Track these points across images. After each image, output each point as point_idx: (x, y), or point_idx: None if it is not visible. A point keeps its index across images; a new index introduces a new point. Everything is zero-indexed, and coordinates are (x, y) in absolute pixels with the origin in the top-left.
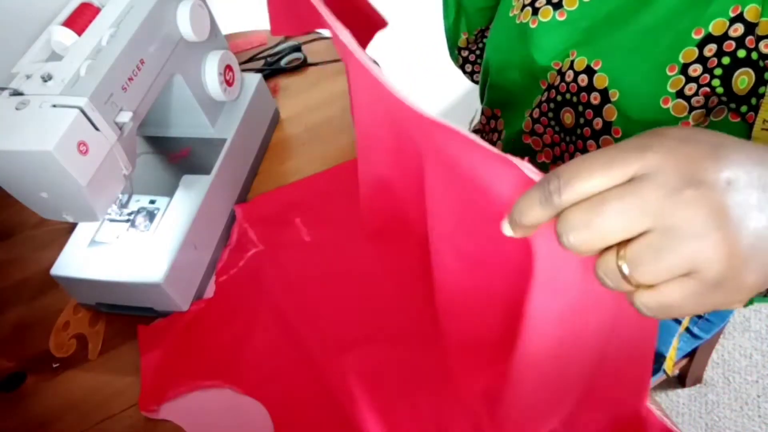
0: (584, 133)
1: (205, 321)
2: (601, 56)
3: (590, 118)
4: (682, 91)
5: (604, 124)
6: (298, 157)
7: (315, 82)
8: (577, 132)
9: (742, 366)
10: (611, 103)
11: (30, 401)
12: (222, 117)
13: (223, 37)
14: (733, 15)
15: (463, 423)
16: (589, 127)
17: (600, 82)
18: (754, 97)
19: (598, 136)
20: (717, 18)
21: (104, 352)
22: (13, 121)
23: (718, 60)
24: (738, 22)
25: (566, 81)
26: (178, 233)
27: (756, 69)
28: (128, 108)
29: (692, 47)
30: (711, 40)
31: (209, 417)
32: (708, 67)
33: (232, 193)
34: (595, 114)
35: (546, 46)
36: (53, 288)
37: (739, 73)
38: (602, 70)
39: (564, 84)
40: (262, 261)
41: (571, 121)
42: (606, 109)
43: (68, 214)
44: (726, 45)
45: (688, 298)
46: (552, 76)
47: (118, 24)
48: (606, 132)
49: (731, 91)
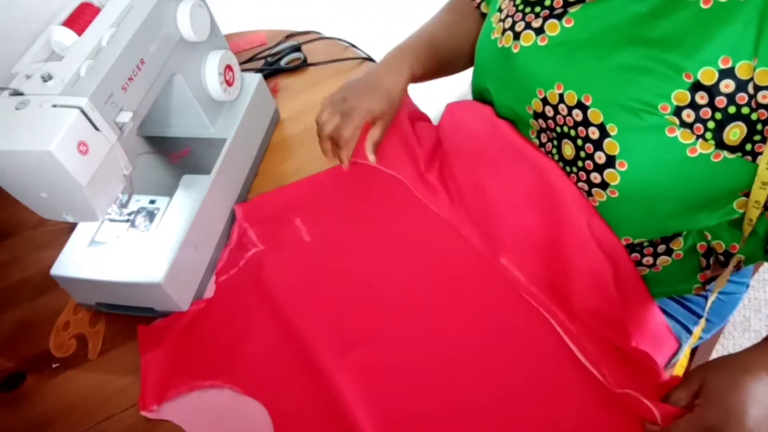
0: (586, 166)
1: (205, 321)
2: (590, 90)
3: (591, 152)
4: (682, 122)
5: (607, 158)
6: (298, 157)
7: (315, 82)
8: (578, 164)
9: None
10: (611, 138)
11: (30, 401)
12: (222, 117)
13: (223, 37)
14: (723, 67)
15: (464, 423)
16: (591, 160)
17: (595, 117)
18: (748, 143)
19: (602, 170)
20: (705, 66)
21: (104, 352)
22: (13, 121)
23: (711, 113)
24: (728, 78)
25: (561, 114)
26: (178, 233)
27: (747, 122)
28: (128, 108)
29: (684, 90)
30: (701, 87)
31: (209, 417)
32: (702, 117)
33: (232, 193)
34: (596, 148)
35: (528, 72)
36: (53, 288)
37: (731, 127)
38: (594, 105)
39: (561, 117)
40: (262, 261)
41: (571, 153)
42: (607, 143)
43: (68, 214)
44: (718, 101)
45: None
46: (536, 104)
47: (118, 24)
48: (610, 165)
49: (722, 142)
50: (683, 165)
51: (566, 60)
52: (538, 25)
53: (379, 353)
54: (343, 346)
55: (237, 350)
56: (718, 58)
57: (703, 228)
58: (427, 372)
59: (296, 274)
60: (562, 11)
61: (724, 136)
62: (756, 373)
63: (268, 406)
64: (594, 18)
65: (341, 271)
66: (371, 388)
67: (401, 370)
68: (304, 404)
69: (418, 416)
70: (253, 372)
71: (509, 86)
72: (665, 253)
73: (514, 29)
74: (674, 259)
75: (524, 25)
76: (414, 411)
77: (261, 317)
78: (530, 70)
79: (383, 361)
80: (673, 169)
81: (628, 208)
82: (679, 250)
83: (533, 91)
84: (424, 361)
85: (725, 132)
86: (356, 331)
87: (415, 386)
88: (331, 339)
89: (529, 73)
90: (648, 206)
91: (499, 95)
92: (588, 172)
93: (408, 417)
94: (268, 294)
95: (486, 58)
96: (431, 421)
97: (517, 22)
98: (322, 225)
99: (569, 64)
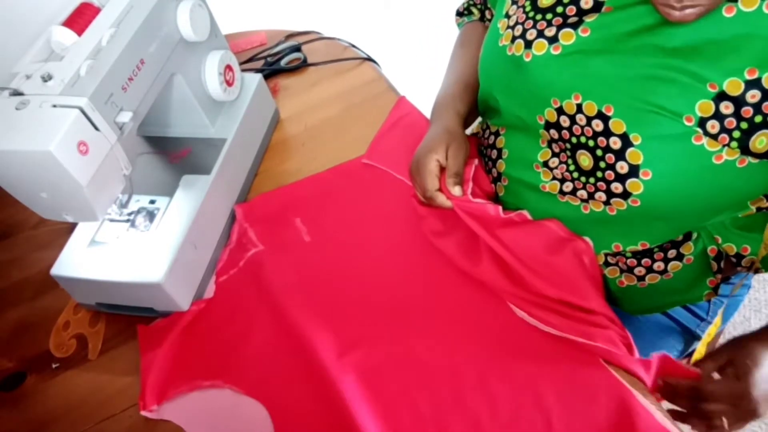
0: (606, 176)
1: (205, 321)
2: (611, 101)
3: (612, 162)
4: (706, 132)
5: (630, 167)
6: (298, 157)
7: (315, 82)
8: (597, 175)
9: None
10: (635, 147)
11: (30, 401)
12: (222, 117)
13: (223, 37)
14: (750, 78)
15: (463, 422)
16: (612, 171)
17: (617, 127)
18: None
19: (624, 180)
20: (731, 77)
21: (104, 352)
22: (13, 121)
23: (737, 123)
24: (755, 89)
25: (579, 124)
26: (178, 233)
27: None
28: (128, 108)
29: (708, 100)
30: (726, 98)
31: (209, 417)
32: (726, 128)
33: (232, 193)
34: (618, 158)
35: (542, 82)
36: (53, 288)
37: (758, 136)
38: (616, 115)
39: (578, 127)
40: (262, 261)
41: (589, 164)
42: (630, 152)
43: (68, 214)
44: (744, 111)
45: None
46: (550, 114)
47: (118, 24)
48: (633, 175)
49: (748, 149)
50: (708, 172)
51: (583, 69)
52: (551, 33)
53: (379, 353)
54: (343, 345)
55: (237, 350)
56: (745, 69)
57: (715, 226)
58: (427, 372)
59: (296, 274)
60: (578, 20)
61: (751, 144)
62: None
63: (268, 406)
64: (611, 27)
65: (341, 272)
66: (371, 387)
67: (401, 370)
68: (304, 404)
69: (418, 416)
70: (253, 372)
71: (519, 95)
72: (676, 258)
73: (525, 37)
74: (685, 264)
75: (536, 33)
76: (414, 411)
77: (261, 317)
78: (545, 79)
79: (383, 360)
80: (698, 176)
81: (649, 216)
82: (690, 255)
83: (547, 101)
84: (424, 360)
85: (752, 140)
86: (356, 331)
87: (415, 386)
88: (331, 339)
89: (544, 83)
90: (670, 213)
91: (507, 104)
92: (608, 182)
93: (408, 416)
94: (268, 294)
95: (493, 66)
96: (431, 421)
97: (528, 29)
98: (322, 225)
99: (587, 74)
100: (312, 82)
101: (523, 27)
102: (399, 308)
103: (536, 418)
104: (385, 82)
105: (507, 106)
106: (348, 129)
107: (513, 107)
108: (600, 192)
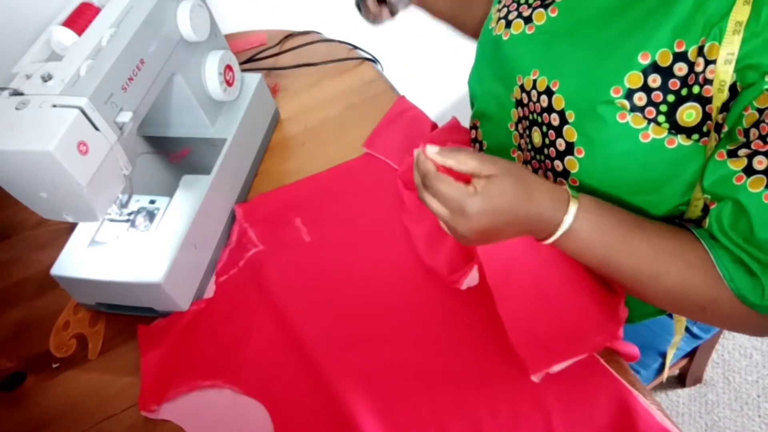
0: (550, 153)
1: (205, 321)
2: (559, 77)
3: (553, 139)
4: (634, 108)
5: (567, 145)
6: (298, 157)
7: (315, 82)
8: (544, 152)
9: (742, 366)
10: (569, 124)
11: (30, 401)
12: (222, 117)
13: (223, 37)
14: (678, 50)
15: (463, 423)
16: (553, 147)
17: (558, 103)
18: (705, 125)
19: (562, 157)
20: (663, 48)
21: (104, 352)
22: (13, 121)
23: (663, 97)
24: (682, 61)
25: (533, 101)
26: (178, 233)
27: (700, 102)
28: (128, 108)
29: (638, 72)
30: (656, 69)
31: (209, 417)
32: (653, 101)
33: (232, 193)
34: (557, 135)
35: (512, 59)
36: (53, 288)
37: (685, 108)
38: (559, 91)
39: (532, 104)
40: (262, 261)
41: (539, 141)
42: (566, 129)
43: (68, 214)
44: (671, 83)
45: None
46: (517, 91)
47: (118, 24)
48: (569, 153)
49: (677, 124)
50: (637, 152)
51: (546, 48)
52: (527, 14)
53: (379, 353)
54: (343, 345)
55: (237, 350)
56: (674, 41)
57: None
58: (428, 372)
59: (296, 274)
60: (551, 0)
61: (678, 117)
62: (528, 209)
63: (268, 406)
64: (575, 7)
65: (341, 272)
66: (371, 387)
67: (401, 370)
68: (304, 404)
69: (418, 415)
70: (253, 372)
71: (498, 74)
72: None
73: (507, 18)
74: None
75: (516, 14)
76: (414, 410)
77: (261, 317)
78: (513, 57)
79: (383, 360)
80: (627, 156)
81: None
82: None
83: (514, 78)
84: (424, 361)
85: (679, 113)
86: (356, 331)
87: (415, 386)
88: (331, 339)
89: (513, 60)
90: (608, 197)
91: (489, 84)
92: (552, 159)
93: (408, 416)
94: (268, 294)
95: (483, 48)
96: (431, 421)
97: (511, 11)
98: (322, 225)
99: (547, 52)
100: (312, 82)
101: (508, 9)
102: (399, 308)
103: (536, 418)
104: (385, 82)
105: (489, 86)
106: (348, 129)
107: (494, 87)
108: (548, 171)
